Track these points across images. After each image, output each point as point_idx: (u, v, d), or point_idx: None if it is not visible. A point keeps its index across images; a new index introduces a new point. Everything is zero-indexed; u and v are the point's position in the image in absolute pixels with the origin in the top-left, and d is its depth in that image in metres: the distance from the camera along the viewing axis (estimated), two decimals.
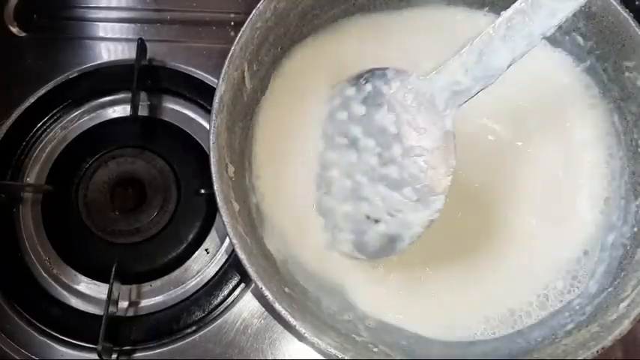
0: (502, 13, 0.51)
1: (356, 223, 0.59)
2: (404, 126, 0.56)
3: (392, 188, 0.57)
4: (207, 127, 0.70)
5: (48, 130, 0.74)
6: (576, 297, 0.60)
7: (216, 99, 0.56)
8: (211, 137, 0.55)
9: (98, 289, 0.67)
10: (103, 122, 0.75)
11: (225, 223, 0.53)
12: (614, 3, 0.59)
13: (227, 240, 0.69)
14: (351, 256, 0.61)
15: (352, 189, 0.60)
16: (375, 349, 0.56)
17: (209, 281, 0.68)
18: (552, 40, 0.66)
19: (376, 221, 0.58)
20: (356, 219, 0.59)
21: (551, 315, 0.60)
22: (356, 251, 0.60)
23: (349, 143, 0.60)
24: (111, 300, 0.63)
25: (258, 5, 0.58)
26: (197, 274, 0.68)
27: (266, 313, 0.66)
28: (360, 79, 0.61)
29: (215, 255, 0.69)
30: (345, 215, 0.60)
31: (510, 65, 0.51)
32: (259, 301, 0.67)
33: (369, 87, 0.60)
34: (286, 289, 0.56)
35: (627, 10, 0.58)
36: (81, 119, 0.75)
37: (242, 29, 0.58)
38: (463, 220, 0.63)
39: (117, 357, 0.64)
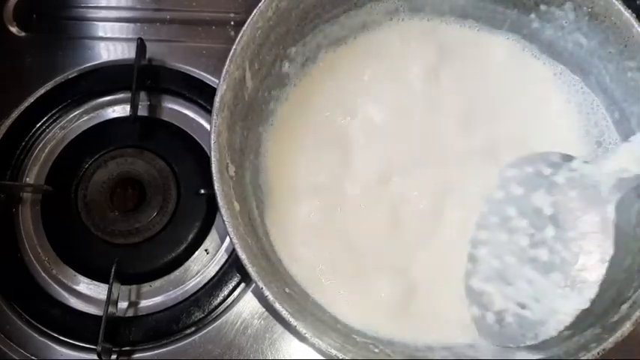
0: None
1: (498, 304, 0.58)
2: (560, 208, 0.56)
3: (540, 272, 0.56)
4: (207, 127, 0.71)
5: (47, 130, 0.74)
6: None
7: (217, 98, 0.56)
8: (212, 137, 0.55)
9: (98, 290, 0.67)
10: (103, 122, 0.74)
11: (226, 223, 0.53)
12: (617, 3, 0.58)
13: (227, 240, 0.69)
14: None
15: (498, 270, 0.59)
16: (376, 350, 0.56)
17: (209, 281, 0.67)
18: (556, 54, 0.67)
19: (521, 306, 0.57)
20: (498, 301, 0.58)
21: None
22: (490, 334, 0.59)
23: (501, 222, 0.60)
24: (110, 300, 0.63)
25: (260, 4, 0.58)
26: (197, 274, 0.68)
27: (266, 313, 0.66)
28: (521, 162, 0.61)
29: (215, 255, 0.69)
30: (489, 295, 0.59)
31: None
32: (259, 301, 0.67)
33: (529, 169, 0.60)
34: (287, 290, 0.56)
35: (630, 10, 0.58)
36: (80, 119, 0.74)
37: (243, 28, 0.57)
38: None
39: (116, 357, 0.64)
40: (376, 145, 0.66)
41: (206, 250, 0.69)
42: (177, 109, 0.75)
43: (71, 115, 0.75)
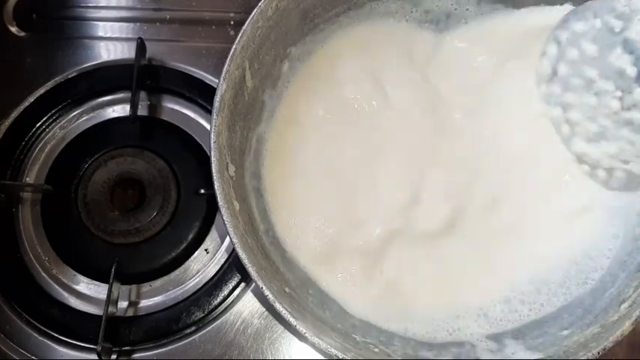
0: None
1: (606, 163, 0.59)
2: None
3: (639, 132, 0.56)
4: (207, 127, 0.71)
5: (47, 130, 0.74)
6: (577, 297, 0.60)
7: (217, 98, 0.56)
8: (212, 136, 0.55)
9: (98, 290, 0.67)
10: (103, 122, 0.74)
11: (226, 222, 0.53)
12: None
13: (227, 240, 0.69)
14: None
15: (597, 132, 0.58)
16: (376, 350, 0.56)
17: (209, 281, 0.67)
18: None
19: (626, 162, 0.57)
20: (605, 160, 0.59)
21: (551, 315, 0.60)
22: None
23: (585, 84, 0.58)
24: (110, 300, 0.63)
25: (260, 4, 0.58)
26: (197, 274, 0.68)
27: (266, 313, 0.66)
28: (586, 11, 0.58)
29: (215, 255, 0.69)
30: (594, 155, 0.59)
31: None
32: (259, 301, 0.67)
33: (597, 22, 0.57)
34: (287, 289, 0.56)
35: None
36: (80, 119, 0.74)
37: (243, 28, 0.57)
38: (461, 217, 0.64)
39: (116, 357, 0.64)
40: (377, 137, 0.66)
41: (206, 250, 0.69)
42: (177, 109, 0.75)
43: (71, 115, 0.75)
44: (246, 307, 0.67)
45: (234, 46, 0.57)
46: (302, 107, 0.66)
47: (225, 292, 0.67)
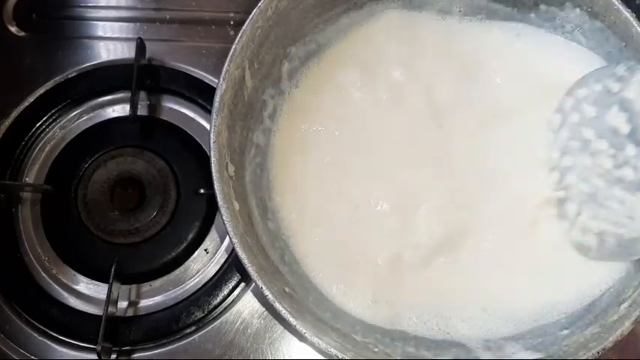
0: None
1: (596, 227, 0.59)
2: (637, 124, 0.55)
3: (629, 191, 0.56)
4: (207, 127, 0.71)
5: (47, 130, 0.74)
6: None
7: (217, 98, 0.56)
8: (212, 136, 0.55)
9: (97, 289, 0.67)
10: (103, 122, 0.74)
11: (226, 222, 0.53)
12: (616, 3, 0.59)
13: (227, 239, 0.69)
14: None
15: (589, 193, 0.59)
16: (375, 349, 0.56)
17: (209, 281, 0.67)
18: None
19: (617, 226, 0.57)
20: (595, 224, 0.59)
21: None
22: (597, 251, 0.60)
23: (582, 146, 0.60)
24: (110, 300, 0.63)
25: (260, 4, 0.58)
26: (197, 273, 0.68)
27: (266, 313, 0.66)
28: (589, 78, 0.61)
29: (215, 255, 0.69)
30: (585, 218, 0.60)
31: None
32: (259, 300, 0.67)
33: (598, 86, 0.59)
34: (286, 289, 0.56)
35: (629, 9, 0.58)
36: (80, 119, 0.74)
37: (243, 28, 0.57)
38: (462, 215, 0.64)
39: (116, 357, 0.64)
40: (377, 144, 0.66)
41: (206, 250, 0.69)
42: (176, 109, 0.75)
43: (71, 115, 0.74)
44: (246, 307, 0.67)
45: (233, 46, 0.57)
46: (302, 107, 0.66)
47: (225, 292, 0.66)
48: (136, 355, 0.65)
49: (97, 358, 0.62)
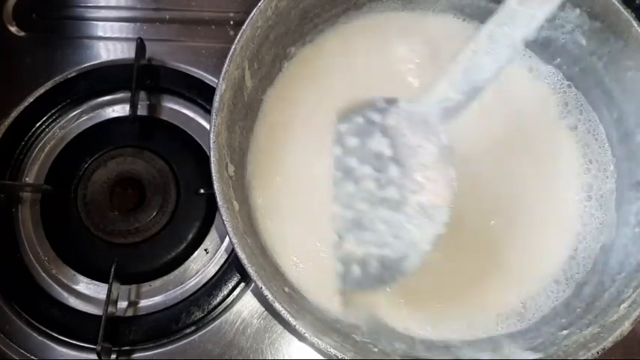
0: (480, 27, 0.53)
1: (360, 252, 0.59)
2: (399, 147, 0.57)
3: (393, 209, 0.57)
4: (207, 127, 0.71)
5: (47, 130, 0.74)
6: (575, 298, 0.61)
7: (217, 98, 0.56)
8: (211, 136, 0.55)
9: (97, 289, 0.67)
10: (102, 122, 0.74)
11: (226, 222, 0.53)
12: (616, 3, 0.58)
13: (226, 239, 0.69)
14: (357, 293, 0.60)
15: (353, 219, 0.59)
16: (375, 349, 0.56)
17: (208, 281, 0.67)
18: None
19: (381, 246, 0.57)
20: (359, 249, 0.59)
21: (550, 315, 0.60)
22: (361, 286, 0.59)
23: (344, 175, 0.61)
24: (110, 300, 0.63)
25: (259, 4, 0.58)
26: (196, 274, 0.68)
27: (266, 313, 0.66)
28: (350, 113, 0.62)
29: (214, 255, 0.69)
30: (349, 246, 0.60)
31: (498, 73, 0.53)
32: (259, 301, 0.67)
33: (359, 119, 0.61)
34: (286, 289, 0.56)
35: (629, 9, 0.58)
36: (80, 119, 0.74)
37: (243, 28, 0.57)
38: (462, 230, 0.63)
39: (116, 357, 0.64)
40: None
41: (205, 250, 0.69)
42: (176, 109, 0.75)
43: (71, 115, 0.75)
44: (245, 307, 0.67)
45: (233, 46, 0.57)
46: (300, 106, 0.66)
47: (225, 292, 0.67)
48: (135, 355, 0.65)
49: (96, 358, 0.62)
